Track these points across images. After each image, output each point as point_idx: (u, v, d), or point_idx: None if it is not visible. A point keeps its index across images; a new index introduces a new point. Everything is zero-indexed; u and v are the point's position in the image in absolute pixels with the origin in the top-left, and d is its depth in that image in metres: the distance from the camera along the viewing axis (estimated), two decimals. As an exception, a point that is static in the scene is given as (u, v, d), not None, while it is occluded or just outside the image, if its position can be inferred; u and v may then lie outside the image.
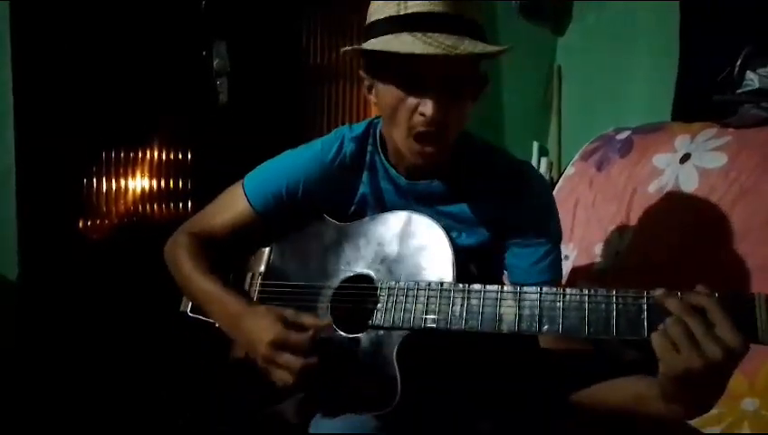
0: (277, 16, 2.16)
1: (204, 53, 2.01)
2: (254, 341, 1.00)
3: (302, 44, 2.27)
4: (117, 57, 1.93)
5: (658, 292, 0.78)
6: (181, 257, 1.18)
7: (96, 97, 1.91)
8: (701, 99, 1.83)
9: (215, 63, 1.97)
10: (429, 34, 0.94)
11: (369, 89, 1.10)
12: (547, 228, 1.13)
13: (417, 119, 0.98)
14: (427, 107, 0.96)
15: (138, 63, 1.96)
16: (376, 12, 1.01)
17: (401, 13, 0.97)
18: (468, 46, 0.94)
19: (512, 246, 1.14)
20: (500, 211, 1.12)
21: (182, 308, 1.28)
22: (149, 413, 1.70)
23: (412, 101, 0.99)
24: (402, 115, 1.00)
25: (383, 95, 1.04)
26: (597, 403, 0.95)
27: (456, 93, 0.99)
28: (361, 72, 1.11)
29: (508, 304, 0.89)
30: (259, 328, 1.00)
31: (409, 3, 0.96)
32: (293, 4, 2.22)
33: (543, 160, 2.54)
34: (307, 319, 1.02)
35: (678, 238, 1.45)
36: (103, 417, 1.80)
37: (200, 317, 1.23)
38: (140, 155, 2.07)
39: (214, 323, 1.19)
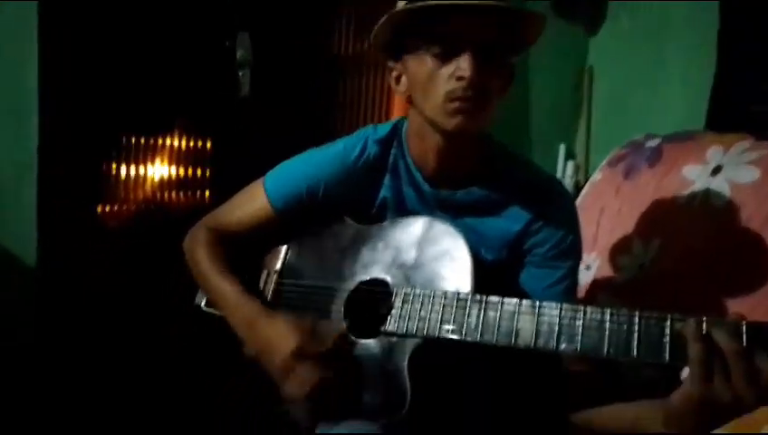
0: (302, 8, 2.15)
1: (227, 43, 2.00)
2: (272, 349, 0.99)
3: (328, 36, 2.26)
4: (140, 46, 1.93)
5: (689, 321, 0.75)
6: (199, 254, 1.18)
7: (118, 85, 1.91)
8: (737, 109, 1.78)
9: (237, 55, 1.97)
10: None
11: (397, 79, 1.09)
12: (567, 250, 1.10)
13: (454, 84, 0.96)
14: (465, 69, 0.94)
15: (161, 53, 1.96)
16: None
17: None
18: (503, 4, 0.94)
19: (528, 265, 1.11)
20: (522, 228, 1.09)
21: (197, 302, 1.28)
22: (163, 400, 1.71)
23: (448, 68, 0.97)
24: (438, 84, 0.98)
25: (416, 71, 1.01)
26: (597, 426, 0.94)
27: (492, 61, 0.97)
28: (389, 63, 1.10)
29: (526, 318, 0.87)
30: (279, 336, 0.99)
31: None
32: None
33: (570, 163, 2.49)
34: (325, 325, 1.02)
35: (705, 254, 1.40)
36: (118, 401, 1.81)
37: (214, 312, 1.22)
38: (160, 143, 2.09)
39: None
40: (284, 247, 1.23)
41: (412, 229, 1.06)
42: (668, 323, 0.76)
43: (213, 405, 1.22)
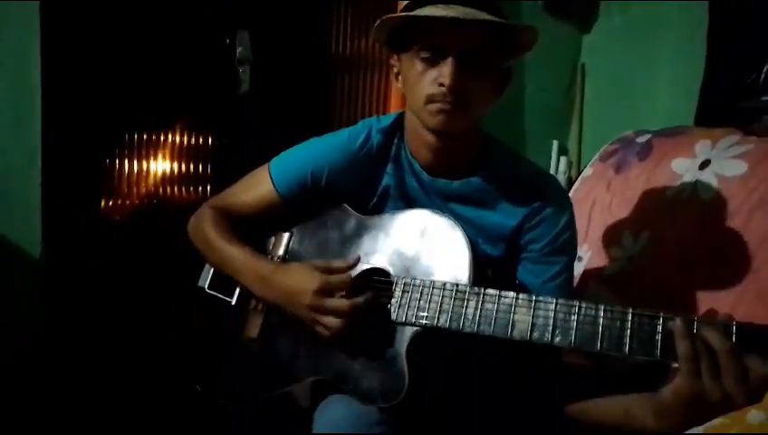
0: (301, 5, 2.17)
1: (227, 41, 2.02)
2: (296, 293, 1.04)
3: (326, 34, 2.27)
4: (142, 43, 1.95)
5: (678, 320, 0.78)
6: (206, 227, 1.21)
7: (121, 82, 1.93)
8: (725, 104, 1.81)
9: (237, 52, 1.99)
10: (451, 6, 0.98)
11: (397, 76, 1.14)
12: (563, 246, 1.13)
13: (436, 89, 1.02)
14: (446, 76, 1.00)
15: (162, 50, 1.98)
16: None
17: None
18: (486, 17, 0.98)
19: (525, 260, 1.15)
20: (518, 223, 1.13)
21: (200, 284, 1.29)
22: (167, 390, 1.74)
23: (432, 73, 1.02)
24: (423, 86, 1.03)
25: (407, 72, 1.07)
26: (590, 417, 0.97)
27: (475, 68, 1.02)
28: (391, 61, 1.15)
29: (522, 311, 0.91)
30: (299, 280, 1.05)
31: None
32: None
33: (563, 160, 2.52)
34: (337, 262, 1.09)
35: (693, 247, 1.43)
36: (122, 393, 1.84)
37: (217, 294, 1.25)
38: (162, 139, 2.11)
39: (230, 302, 1.22)
40: (287, 235, 1.25)
41: (413, 221, 1.09)
42: (660, 320, 0.80)
43: (213, 393, 1.23)
